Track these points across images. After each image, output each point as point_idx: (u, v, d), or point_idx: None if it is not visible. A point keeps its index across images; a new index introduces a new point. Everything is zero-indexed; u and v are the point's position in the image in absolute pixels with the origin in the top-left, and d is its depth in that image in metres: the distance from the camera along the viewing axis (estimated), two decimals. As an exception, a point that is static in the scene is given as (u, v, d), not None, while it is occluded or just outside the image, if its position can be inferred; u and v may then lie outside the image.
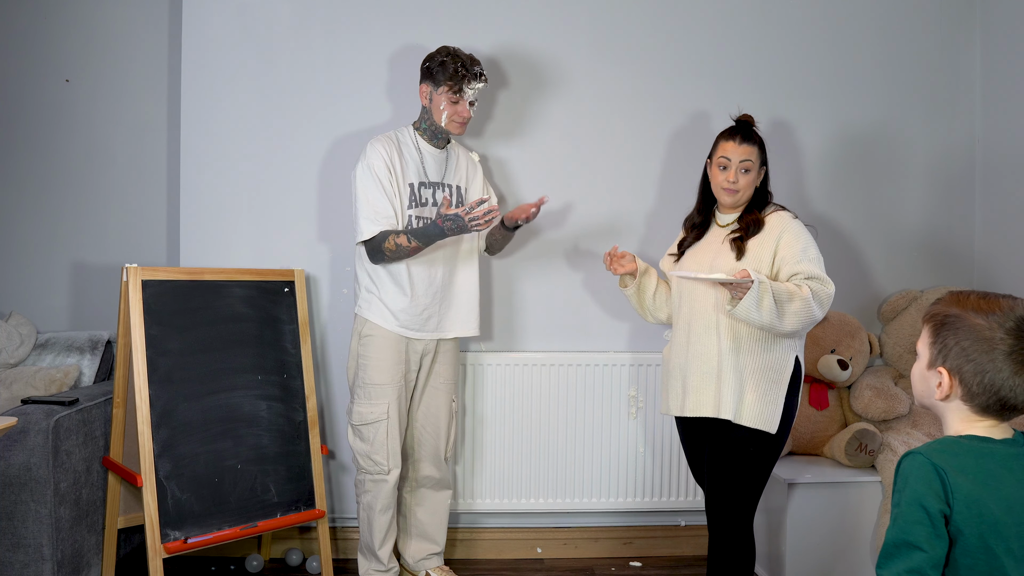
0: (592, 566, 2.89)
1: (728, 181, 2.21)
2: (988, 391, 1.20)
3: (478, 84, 2.46)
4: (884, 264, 3.05)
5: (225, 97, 2.85)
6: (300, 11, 2.86)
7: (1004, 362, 1.18)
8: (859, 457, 2.65)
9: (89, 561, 2.44)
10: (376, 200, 2.41)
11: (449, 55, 2.45)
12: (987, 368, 1.19)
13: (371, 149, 2.46)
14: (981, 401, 1.21)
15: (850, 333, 2.87)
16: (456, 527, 2.93)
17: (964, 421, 1.24)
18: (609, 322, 2.95)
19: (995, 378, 1.19)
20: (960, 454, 1.21)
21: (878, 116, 3.02)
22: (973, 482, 1.17)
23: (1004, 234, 2.94)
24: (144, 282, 2.39)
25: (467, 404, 2.88)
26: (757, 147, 2.23)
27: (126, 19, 3.02)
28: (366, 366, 2.49)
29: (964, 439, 1.23)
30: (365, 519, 2.54)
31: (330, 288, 2.89)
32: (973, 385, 1.21)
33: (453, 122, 2.47)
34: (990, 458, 1.20)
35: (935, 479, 1.17)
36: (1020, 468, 1.21)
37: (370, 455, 2.49)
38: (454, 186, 2.57)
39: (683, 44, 2.95)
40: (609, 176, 2.94)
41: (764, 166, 2.26)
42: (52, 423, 2.26)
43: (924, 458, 1.19)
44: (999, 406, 1.21)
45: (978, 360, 1.19)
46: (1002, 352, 1.18)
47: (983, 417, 1.23)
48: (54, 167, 3.02)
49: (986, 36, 3.02)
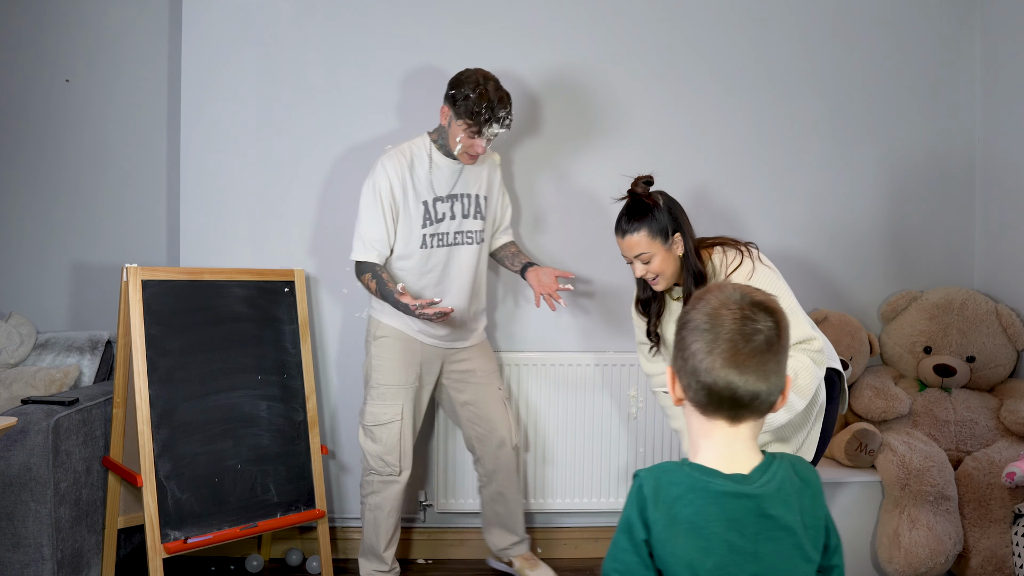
0: (592, 566, 2.88)
1: (639, 275, 2.05)
2: (692, 379, 1.08)
3: (500, 130, 2.35)
4: (884, 264, 3.05)
5: (225, 97, 2.85)
6: (300, 11, 2.86)
7: (699, 341, 1.07)
8: (859, 457, 2.64)
9: (89, 561, 2.44)
10: (372, 226, 2.40)
11: (476, 89, 2.30)
12: (688, 352, 1.08)
13: (380, 169, 2.40)
14: (693, 395, 1.10)
15: (850, 333, 2.87)
16: (456, 527, 2.93)
17: (700, 432, 1.12)
18: (609, 322, 2.95)
19: (694, 361, 1.07)
20: (672, 483, 1.09)
21: (878, 116, 3.02)
22: (667, 518, 1.06)
23: (1004, 234, 2.94)
24: (144, 282, 2.39)
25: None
26: (646, 229, 1.98)
27: (126, 19, 3.01)
28: (380, 367, 2.50)
29: (686, 467, 1.11)
30: (371, 520, 2.52)
31: (330, 288, 2.89)
32: (684, 377, 1.10)
33: (465, 154, 2.41)
34: (702, 493, 1.07)
35: (641, 505, 1.08)
36: (737, 508, 1.07)
37: (382, 456, 2.48)
38: (472, 195, 2.53)
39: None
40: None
41: (675, 233, 2.01)
42: (52, 423, 2.26)
43: (639, 481, 1.10)
44: (707, 397, 1.08)
45: (684, 347, 1.10)
46: (697, 330, 1.08)
47: (710, 418, 1.10)
48: (54, 167, 3.02)
49: (986, 36, 3.02)
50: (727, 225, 2.97)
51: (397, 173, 2.40)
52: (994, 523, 2.44)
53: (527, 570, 2.66)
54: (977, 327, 2.81)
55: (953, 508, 2.48)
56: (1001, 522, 2.43)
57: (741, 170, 2.98)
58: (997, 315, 2.82)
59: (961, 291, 2.89)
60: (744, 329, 1.06)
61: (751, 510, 1.07)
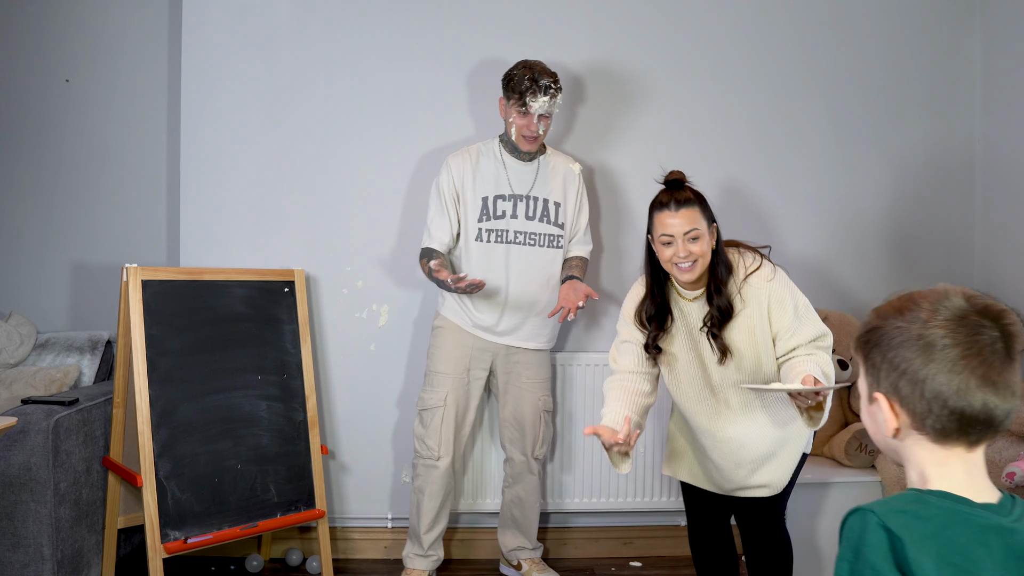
0: (592, 566, 2.88)
1: (679, 256, 1.91)
2: (935, 404, 0.94)
3: (543, 97, 2.40)
4: (884, 264, 3.05)
5: (225, 97, 2.85)
6: (300, 10, 2.86)
7: (940, 360, 0.93)
8: (859, 457, 2.64)
9: (89, 561, 2.44)
10: (433, 217, 2.55)
11: (522, 67, 2.44)
12: (923, 374, 0.94)
13: (444, 166, 2.56)
14: (933, 422, 0.95)
15: (850, 333, 2.87)
16: (457, 527, 2.93)
17: (930, 461, 0.98)
18: (608, 322, 2.95)
19: (936, 384, 0.93)
20: (923, 517, 0.92)
21: (878, 116, 3.02)
22: (938, 561, 0.89)
23: (1004, 234, 2.94)
24: (144, 282, 2.39)
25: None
26: (699, 207, 1.93)
27: (126, 19, 3.02)
28: (433, 355, 2.61)
29: (932, 496, 0.95)
30: (415, 502, 2.63)
31: (330, 288, 2.89)
32: (916, 403, 0.95)
33: (522, 137, 2.47)
34: (964, 528, 0.92)
35: (888, 549, 0.92)
36: (1002, 547, 0.91)
37: (424, 439, 2.58)
38: (541, 199, 2.55)
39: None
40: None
41: (713, 222, 1.96)
42: (52, 423, 2.26)
43: (877, 520, 0.94)
44: (958, 423, 0.94)
45: (911, 368, 0.95)
46: (933, 347, 0.94)
47: (946, 445, 0.96)
48: (54, 167, 3.02)
49: (986, 36, 3.02)
50: (727, 225, 2.96)
51: (459, 168, 2.52)
52: (994, 523, 2.44)
53: (535, 573, 2.68)
54: (977, 327, 2.80)
55: (953, 508, 2.48)
56: (1001, 522, 2.43)
57: (741, 170, 2.98)
58: (997, 315, 2.82)
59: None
60: (988, 341, 0.94)
61: (1015, 548, 0.92)
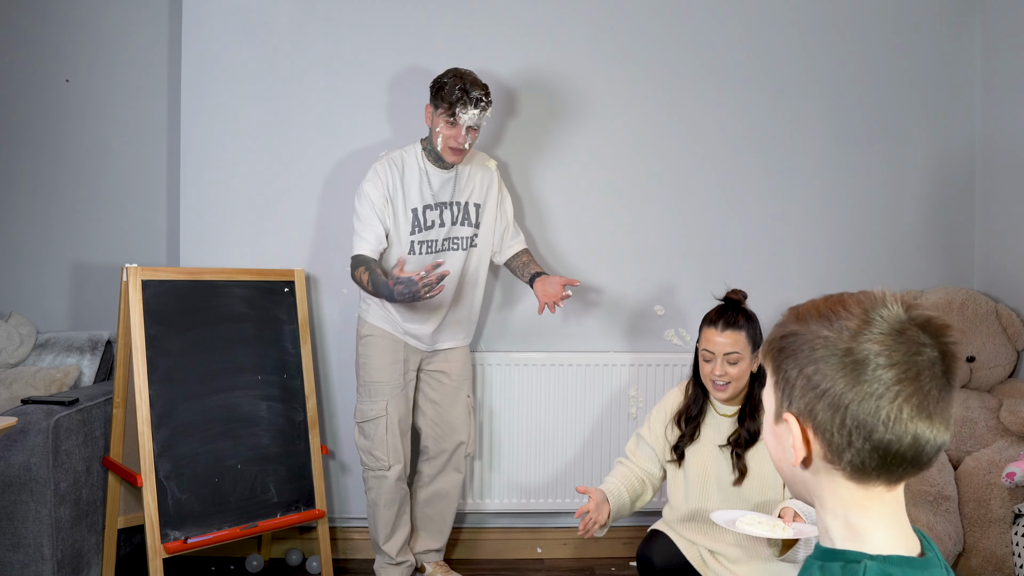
0: (592, 566, 2.88)
1: (715, 374, 1.99)
2: (856, 436, 0.77)
3: (474, 111, 2.33)
4: (884, 264, 3.04)
5: (225, 97, 2.85)
6: (300, 11, 2.86)
7: (870, 382, 0.77)
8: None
9: (89, 561, 2.44)
10: (365, 226, 2.43)
11: (453, 76, 2.36)
12: (847, 398, 0.77)
13: (371, 175, 2.46)
14: (852, 456, 0.78)
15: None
16: (459, 527, 2.93)
17: (852, 503, 0.81)
18: (608, 322, 2.95)
19: (861, 411, 0.77)
20: None
21: (878, 116, 3.02)
22: None
23: (1004, 234, 2.94)
24: (144, 282, 2.39)
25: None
26: (745, 333, 1.98)
27: (126, 19, 3.01)
28: (366, 365, 2.55)
29: (884, 563, 0.77)
30: (371, 515, 2.60)
31: (330, 288, 2.89)
32: (834, 432, 0.78)
33: (448, 148, 2.40)
34: None
35: None
36: None
37: (371, 451, 2.54)
38: (462, 203, 2.54)
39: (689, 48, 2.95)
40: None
41: (758, 349, 1.97)
42: (52, 423, 2.26)
43: None
44: (880, 459, 0.77)
45: (833, 389, 0.78)
46: (863, 367, 0.77)
47: (865, 484, 0.80)
48: (54, 167, 3.02)
49: (986, 36, 3.02)
50: (727, 224, 2.98)
51: (388, 178, 2.44)
52: (994, 523, 2.44)
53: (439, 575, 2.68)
54: (977, 327, 2.81)
55: (953, 508, 2.48)
56: (1001, 522, 2.43)
57: (741, 170, 2.98)
58: (997, 315, 2.82)
59: (961, 291, 2.89)
60: (927, 362, 0.78)
61: None
